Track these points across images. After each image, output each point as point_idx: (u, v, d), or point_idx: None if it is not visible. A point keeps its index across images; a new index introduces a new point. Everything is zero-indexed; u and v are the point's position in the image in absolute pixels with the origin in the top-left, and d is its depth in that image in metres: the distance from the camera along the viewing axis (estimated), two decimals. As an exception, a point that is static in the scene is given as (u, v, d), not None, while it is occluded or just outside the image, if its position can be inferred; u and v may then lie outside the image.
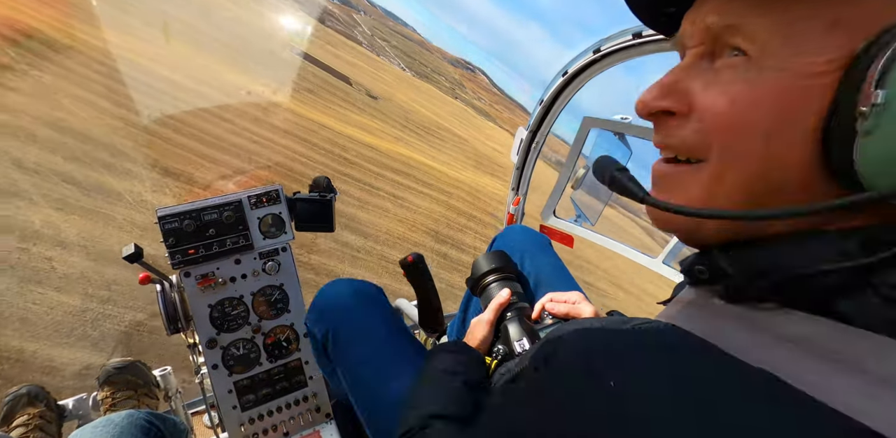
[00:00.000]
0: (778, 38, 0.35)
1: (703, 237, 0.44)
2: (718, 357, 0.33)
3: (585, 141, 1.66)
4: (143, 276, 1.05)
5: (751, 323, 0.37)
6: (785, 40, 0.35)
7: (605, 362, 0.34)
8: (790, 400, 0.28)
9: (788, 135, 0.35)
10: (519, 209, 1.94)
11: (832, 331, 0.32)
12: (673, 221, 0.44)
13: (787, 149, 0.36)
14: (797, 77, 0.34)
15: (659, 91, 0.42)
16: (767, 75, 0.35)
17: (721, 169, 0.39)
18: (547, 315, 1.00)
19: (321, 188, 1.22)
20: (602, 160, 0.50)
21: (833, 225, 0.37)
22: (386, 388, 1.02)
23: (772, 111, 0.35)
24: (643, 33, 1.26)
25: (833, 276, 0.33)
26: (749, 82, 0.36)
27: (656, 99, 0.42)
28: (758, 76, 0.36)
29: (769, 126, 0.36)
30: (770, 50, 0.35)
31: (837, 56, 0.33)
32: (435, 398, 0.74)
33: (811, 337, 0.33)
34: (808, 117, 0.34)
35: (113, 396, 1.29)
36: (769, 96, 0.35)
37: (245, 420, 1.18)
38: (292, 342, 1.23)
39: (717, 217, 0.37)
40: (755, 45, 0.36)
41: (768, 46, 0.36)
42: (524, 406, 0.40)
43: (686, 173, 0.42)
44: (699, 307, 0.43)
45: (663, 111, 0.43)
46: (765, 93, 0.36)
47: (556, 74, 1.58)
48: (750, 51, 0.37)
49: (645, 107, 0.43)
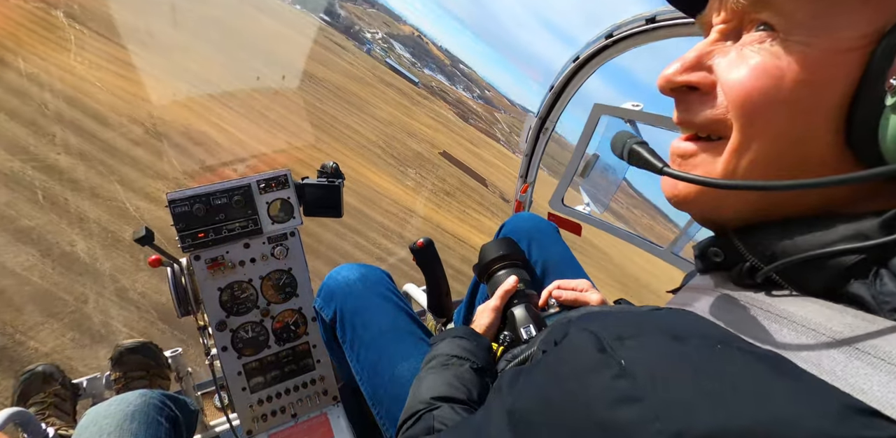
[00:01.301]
0: (807, 12, 0.34)
1: (721, 217, 0.44)
2: (728, 340, 0.33)
3: (595, 128, 1.64)
4: (153, 259, 1.06)
5: (762, 309, 0.37)
6: (815, 14, 0.34)
7: (617, 342, 0.34)
8: (796, 380, 0.28)
9: (813, 110, 0.35)
10: (527, 196, 1.93)
11: (844, 317, 0.32)
12: (691, 199, 0.44)
13: (810, 125, 0.36)
14: (826, 51, 0.34)
15: (682, 66, 0.42)
16: (795, 49, 0.35)
17: (742, 145, 0.38)
18: (554, 302, 1.00)
19: (329, 173, 1.22)
20: (620, 134, 0.49)
21: (853, 208, 0.36)
22: (393, 371, 1.04)
23: (797, 85, 0.35)
24: (656, 18, 1.23)
25: (848, 257, 0.33)
26: (775, 56, 0.36)
27: (678, 73, 0.42)
28: (785, 50, 0.36)
29: (794, 101, 0.35)
30: (798, 24, 0.35)
31: (869, 31, 0.33)
32: (442, 381, 0.74)
33: (822, 323, 0.33)
34: (834, 92, 0.34)
35: (125, 376, 1.31)
36: (795, 70, 0.35)
37: (254, 401, 1.20)
38: (300, 326, 1.24)
39: (733, 187, 0.37)
40: (783, 19, 0.36)
41: (797, 20, 0.35)
42: (532, 385, 0.40)
43: (706, 150, 0.42)
44: (711, 293, 0.43)
45: (686, 86, 0.42)
46: (791, 66, 0.35)
47: (568, 60, 1.55)
48: (778, 25, 0.36)
49: (668, 83, 0.43)
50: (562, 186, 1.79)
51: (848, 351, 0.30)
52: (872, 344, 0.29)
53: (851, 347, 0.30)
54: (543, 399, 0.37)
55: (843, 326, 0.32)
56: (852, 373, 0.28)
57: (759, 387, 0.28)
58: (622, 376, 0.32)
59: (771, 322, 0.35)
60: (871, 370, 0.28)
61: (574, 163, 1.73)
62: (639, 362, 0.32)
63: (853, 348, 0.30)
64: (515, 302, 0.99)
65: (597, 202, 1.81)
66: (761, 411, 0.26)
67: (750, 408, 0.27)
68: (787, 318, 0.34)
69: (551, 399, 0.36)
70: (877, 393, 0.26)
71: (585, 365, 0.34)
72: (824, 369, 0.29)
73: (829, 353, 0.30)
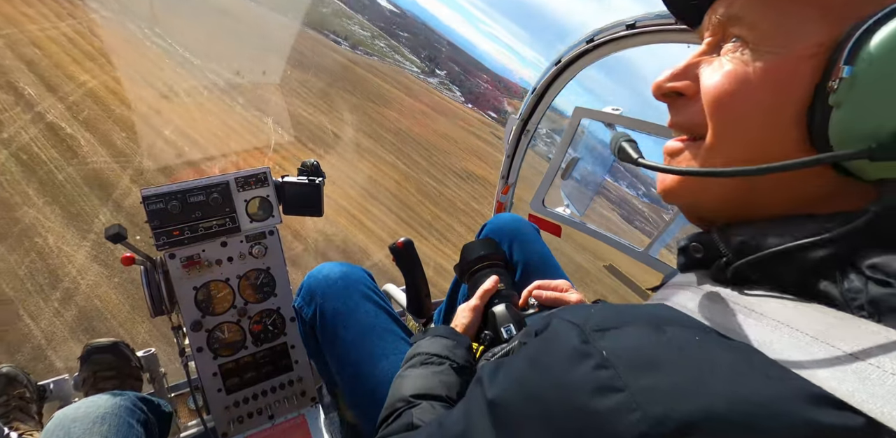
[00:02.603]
0: (773, 26, 0.39)
1: (703, 212, 0.48)
2: (705, 331, 0.35)
3: (576, 131, 1.66)
4: (126, 256, 1.03)
5: (738, 304, 0.39)
6: (780, 27, 0.39)
7: (598, 333, 0.36)
8: (767, 371, 0.30)
9: (777, 110, 0.39)
10: (508, 197, 1.94)
11: (813, 313, 0.35)
12: (672, 191, 0.48)
13: (775, 124, 0.39)
14: (788, 58, 0.38)
15: (671, 74, 0.47)
16: (761, 57, 0.40)
17: (716, 142, 0.43)
18: (534, 302, 1.01)
19: (310, 171, 1.21)
20: (616, 134, 0.54)
21: (827, 209, 0.39)
22: (373, 370, 1.03)
23: (762, 88, 0.39)
24: (636, 24, 1.25)
25: (814, 253, 0.36)
26: (745, 63, 0.41)
27: (667, 81, 0.47)
28: (753, 58, 0.40)
29: (759, 101, 0.40)
30: (764, 35, 0.40)
31: (825, 39, 0.36)
32: (422, 379, 0.74)
33: (791, 319, 0.35)
34: (795, 94, 0.38)
35: (95, 376, 1.27)
36: (761, 75, 0.39)
37: (230, 403, 1.17)
38: (278, 326, 1.23)
39: (685, 173, 0.43)
40: (752, 32, 0.41)
41: (763, 32, 0.40)
42: (513, 375, 0.41)
43: (689, 148, 0.47)
44: (690, 289, 0.45)
45: (675, 92, 0.47)
46: (757, 71, 0.40)
47: (550, 64, 1.57)
48: (747, 37, 0.41)
49: (658, 89, 0.48)
50: (542, 188, 1.81)
51: (813, 344, 0.32)
52: (838, 339, 0.31)
53: (818, 341, 0.32)
54: (524, 389, 0.38)
55: (810, 322, 0.34)
56: (816, 365, 0.30)
57: (735, 376, 0.30)
58: (603, 366, 0.33)
59: (745, 316, 0.37)
60: (835, 362, 0.30)
61: (555, 166, 1.75)
62: (619, 352, 0.34)
63: (820, 342, 0.32)
64: (496, 302, 0.99)
65: (577, 204, 1.83)
66: (737, 397, 0.29)
67: (726, 395, 0.29)
68: (761, 313, 0.36)
69: (532, 389, 0.37)
70: (835, 384, 0.29)
71: (567, 355, 0.36)
72: (792, 361, 0.31)
73: (797, 346, 0.32)
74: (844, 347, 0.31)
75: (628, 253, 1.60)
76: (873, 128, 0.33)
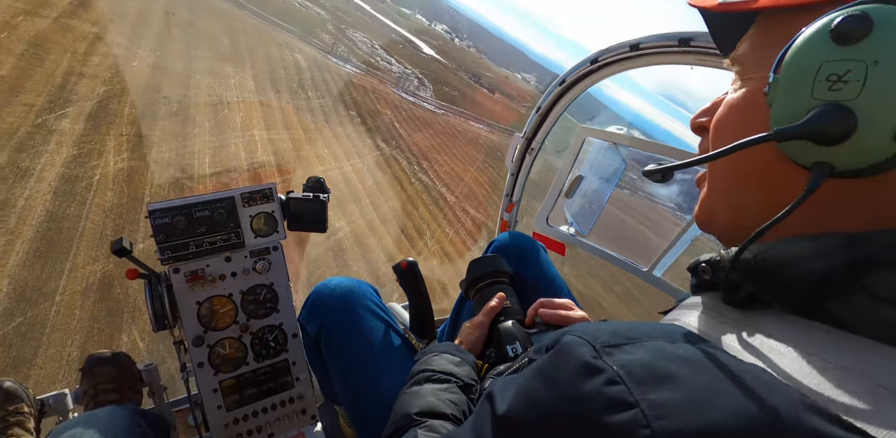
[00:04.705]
0: (752, 58, 0.47)
1: (716, 230, 0.53)
2: (713, 349, 0.35)
3: (580, 150, 1.68)
4: (131, 270, 1.04)
5: (746, 326, 0.39)
6: (757, 58, 0.46)
7: (609, 348, 0.36)
8: (773, 387, 0.31)
9: (752, 126, 0.44)
10: (513, 215, 1.95)
11: (820, 333, 0.35)
12: (699, 217, 0.54)
13: None
14: (759, 81, 0.45)
15: (701, 111, 0.55)
16: (745, 84, 0.47)
17: (712, 165, 0.51)
18: (539, 320, 1.00)
19: (315, 188, 1.22)
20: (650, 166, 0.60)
21: (831, 229, 0.40)
22: (376, 386, 1.02)
23: (741, 109, 0.47)
24: (640, 45, 1.28)
25: (812, 272, 0.37)
26: (735, 91, 0.48)
27: (697, 117, 0.55)
28: (741, 86, 0.47)
29: (740, 120, 0.47)
30: (748, 67, 0.47)
31: None
32: (426, 397, 0.74)
33: (800, 340, 0.35)
34: (761, 110, 0.42)
35: (95, 388, 1.26)
36: (741, 98, 0.47)
37: (229, 420, 1.16)
38: (280, 342, 1.22)
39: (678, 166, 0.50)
40: (741, 66, 0.48)
41: (747, 65, 0.48)
42: (524, 391, 0.41)
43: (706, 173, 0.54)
44: (700, 309, 0.45)
45: (702, 127, 0.54)
46: (739, 96, 0.47)
47: (554, 83, 1.59)
48: (740, 70, 0.49)
49: (691, 124, 0.56)
50: (546, 206, 1.81)
51: (819, 364, 0.33)
52: (845, 359, 0.32)
53: (825, 362, 0.33)
54: (535, 404, 0.38)
55: (816, 342, 0.34)
56: (823, 385, 0.31)
57: (744, 393, 0.30)
58: (614, 381, 0.33)
59: (751, 337, 0.38)
60: (842, 382, 0.31)
61: (559, 184, 1.76)
62: (630, 367, 0.34)
63: (826, 362, 0.32)
64: (502, 319, 0.98)
65: (580, 222, 1.83)
66: (745, 414, 0.29)
67: (735, 412, 0.29)
68: (768, 334, 0.37)
69: (543, 404, 0.37)
70: (843, 403, 0.30)
71: (578, 370, 0.36)
72: (799, 380, 0.32)
73: (804, 366, 0.33)
74: (850, 367, 0.31)
75: (634, 273, 1.59)
76: (785, 116, 0.39)
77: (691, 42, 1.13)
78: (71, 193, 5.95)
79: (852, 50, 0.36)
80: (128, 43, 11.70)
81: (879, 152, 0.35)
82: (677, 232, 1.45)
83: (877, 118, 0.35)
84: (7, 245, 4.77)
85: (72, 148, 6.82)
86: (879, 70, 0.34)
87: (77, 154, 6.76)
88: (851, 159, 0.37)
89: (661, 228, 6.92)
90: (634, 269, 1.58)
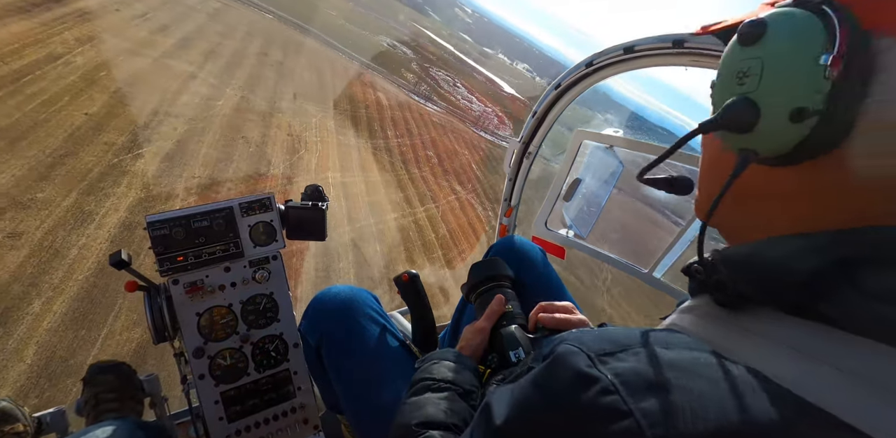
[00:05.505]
0: None
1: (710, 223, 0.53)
2: (707, 354, 0.36)
3: (577, 153, 1.68)
4: (130, 282, 1.03)
5: (739, 327, 0.40)
6: None
7: (604, 357, 0.37)
8: (765, 390, 0.32)
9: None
10: (511, 220, 1.94)
11: (812, 332, 0.36)
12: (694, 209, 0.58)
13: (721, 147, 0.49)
14: None
15: None
16: None
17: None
18: (540, 325, 1.00)
19: (314, 196, 1.22)
20: None
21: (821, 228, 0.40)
22: (378, 394, 1.01)
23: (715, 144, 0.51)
24: (634, 48, 1.28)
25: (800, 271, 0.37)
26: None
27: None
28: None
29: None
30: None
31: None
32: (428, 406, 0.73)
33: (793, 339, 0.36)
34: None
35: (96, 398, 1.25)
36: None
37: (231, 431, 1.15)
38: (281, 352, 1.21)
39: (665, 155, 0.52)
40: None
41: None
42: (521, 401, 0.41)
43: None
44: (694, 312, 0.46)
45: None
46: None
47: (549, 87, 1.59)
48: None
49: None
50: (544, 210, 1.81)
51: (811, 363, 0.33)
52: (836, 358, 0.33)
53: (817, 361, 0.33)
54: (532, 416, 0.39)
55: (808, 342, 0.35)
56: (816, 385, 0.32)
57: (737, 398, 0.31)
58: (608, 390, 0.34)
59: (744, 338, 0.38)
60: (835, 381, 0.31)
61: (557, 187, 1.76)
62: (624, 376, 0.34)
63: (818, 362, 0.33)
64: (504, 324, 0.98)
65: (579, 225, 1.82)
66: (738, 419, 0.30)
67: (728, 417, 0.30)
68: (760, 334, 0.38)
69: (540, 415, 0.38)
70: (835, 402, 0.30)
71: (573, 380, 0.36)
72: (792, 381, 0.32)
73: (796, 366, 0.33)
74: (843, 366, 0.32)
75: (635, 275, 1.58)
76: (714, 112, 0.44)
77: (685, 44, 1.13)
78: (128, 242, 5.61)
79: (753, 49, 0.41)
80: (217, 82, 11.78)
81: (785, 133, 0.39)
82: (677, 233, 1.45)
83: (773, 104, 0.40)
84: (46, 303, 4.39)
85: (140, 190, 6.59)
86: (771, 63, 0.40)
87: (144, 197, 6.53)
88: (768, 143, 0.41)
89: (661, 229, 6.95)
90: (635, 271, 1.58)
